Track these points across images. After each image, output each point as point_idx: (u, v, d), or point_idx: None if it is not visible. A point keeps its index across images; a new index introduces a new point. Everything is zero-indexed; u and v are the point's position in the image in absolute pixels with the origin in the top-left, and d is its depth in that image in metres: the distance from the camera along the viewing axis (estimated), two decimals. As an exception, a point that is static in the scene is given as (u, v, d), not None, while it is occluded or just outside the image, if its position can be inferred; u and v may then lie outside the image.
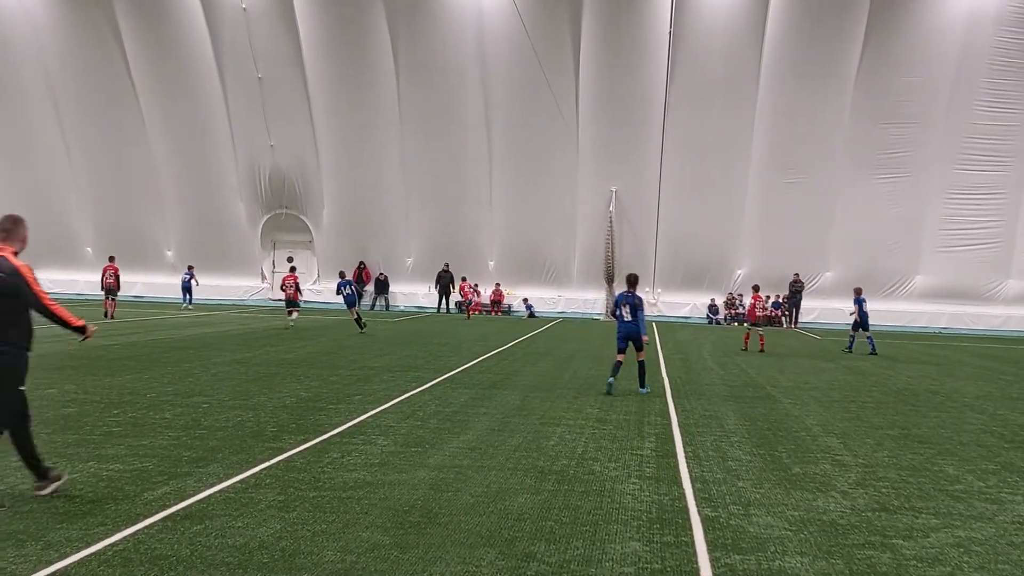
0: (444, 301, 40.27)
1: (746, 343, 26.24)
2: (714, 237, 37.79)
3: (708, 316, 38.92)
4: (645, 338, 15.53)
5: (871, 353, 25.08)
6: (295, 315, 28.81)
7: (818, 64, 34.93)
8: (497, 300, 40.40)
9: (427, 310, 40.48)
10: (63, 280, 41.22)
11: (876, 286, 36.54)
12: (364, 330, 27.23)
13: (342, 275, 30.07)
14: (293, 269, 31.25)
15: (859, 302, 26.16)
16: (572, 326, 33.93)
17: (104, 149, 40.09)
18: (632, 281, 16.01)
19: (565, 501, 8.25)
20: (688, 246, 38.04)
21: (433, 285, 40.40)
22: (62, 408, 12.09)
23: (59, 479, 8.00)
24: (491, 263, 40.45)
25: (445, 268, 40.11)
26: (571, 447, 10.71)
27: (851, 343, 26.38)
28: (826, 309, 37.54)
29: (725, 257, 38.28)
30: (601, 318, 38.26)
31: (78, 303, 37.12)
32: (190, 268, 38.32)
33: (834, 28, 34.52)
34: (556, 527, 7.42)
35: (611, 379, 15.48)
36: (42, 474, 7.91)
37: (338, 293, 28.80)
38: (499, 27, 36.17)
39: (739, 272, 38.43)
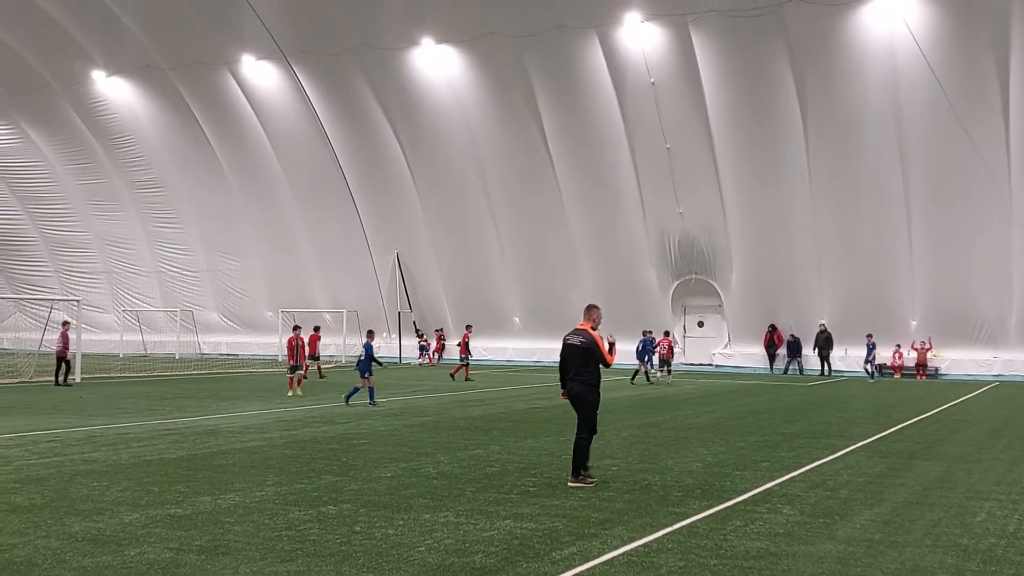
0: (826, 363, 39.29)
1: None
2: None
3: None
4: None
5: None
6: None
7: None
8: (922, 363, 37.78)
9: (845, 374, 38.81)
10: (493, 347, 44.64)
11: None
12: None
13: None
14: (667, 333, 34.96)
15: None
16: (1009, 391, 30.89)
17: (525, 225, 43.06)
18: None
19: (990, 584, 7.58)
20: None
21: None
22: (486, 468, 13.11)
23: (589, 482, 11.56)
24: (913, 322, 38.02)
25: (822, 328, 38.90)
26: (1001, 524, 9.78)
27: None
28: None
29: None
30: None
31: (504, 368, 40.05)
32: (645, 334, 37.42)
33: None
34: (977, 612, 6.83)
35: None
36: (576, 472, 11.63)
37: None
38: (913, 72, 34.30)
39: None
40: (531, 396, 26.15)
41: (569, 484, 11.54)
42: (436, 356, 46.22)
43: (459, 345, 35.47)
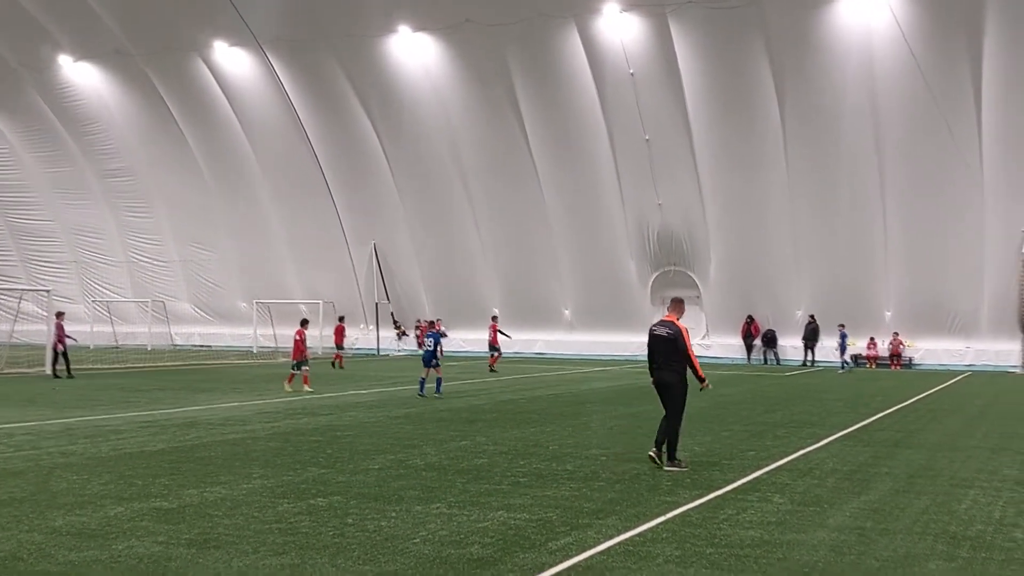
0: (811, 353, 39.20)
1: None
2: None
3: None
4: None
5: None
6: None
7: None
8: (896, 354, 38.13)
9: (821, 364, 38.99)
10: (471, 338, 44.44)
11: None
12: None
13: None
14: None
15: None
16: (981, 380, 31.25)
17: (504, 215, 42.91)
18: None
19: (983, 569, 7.61)
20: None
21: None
22: (474, 459, 13.03)
23: (681, 467, 12.05)
24: (888, 313, 38.32)
25: (811, 319, 38.93)
26: (987, 511, 9.86)
27: None
28: None
29: None
30: (1017, 370, 35.00)
31: (476, 359, 39.96)
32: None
33: None
34: (976, 600, 6.84)
35: None
36: (672, 458, 12.17)
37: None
38: (889, 64, 34.53)
39: None
40: (515, 387, 26.09)
41: (668, 469, 12.06)
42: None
43: (489, 336, 35.38)
